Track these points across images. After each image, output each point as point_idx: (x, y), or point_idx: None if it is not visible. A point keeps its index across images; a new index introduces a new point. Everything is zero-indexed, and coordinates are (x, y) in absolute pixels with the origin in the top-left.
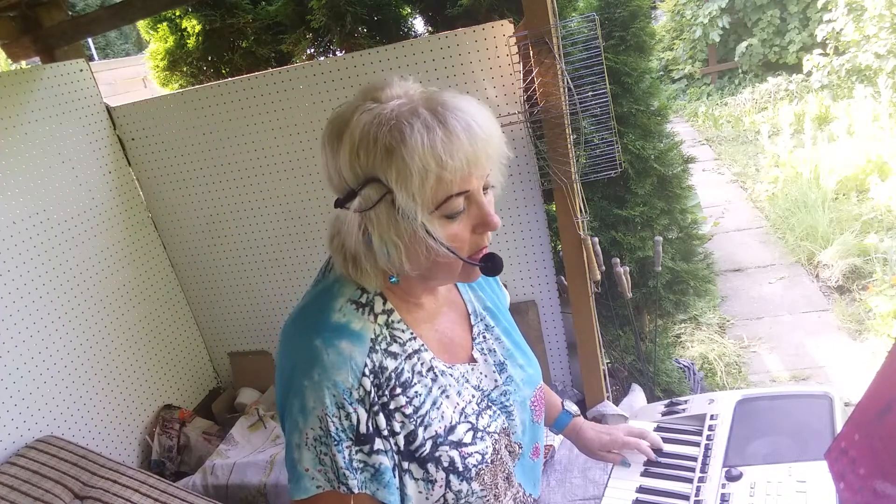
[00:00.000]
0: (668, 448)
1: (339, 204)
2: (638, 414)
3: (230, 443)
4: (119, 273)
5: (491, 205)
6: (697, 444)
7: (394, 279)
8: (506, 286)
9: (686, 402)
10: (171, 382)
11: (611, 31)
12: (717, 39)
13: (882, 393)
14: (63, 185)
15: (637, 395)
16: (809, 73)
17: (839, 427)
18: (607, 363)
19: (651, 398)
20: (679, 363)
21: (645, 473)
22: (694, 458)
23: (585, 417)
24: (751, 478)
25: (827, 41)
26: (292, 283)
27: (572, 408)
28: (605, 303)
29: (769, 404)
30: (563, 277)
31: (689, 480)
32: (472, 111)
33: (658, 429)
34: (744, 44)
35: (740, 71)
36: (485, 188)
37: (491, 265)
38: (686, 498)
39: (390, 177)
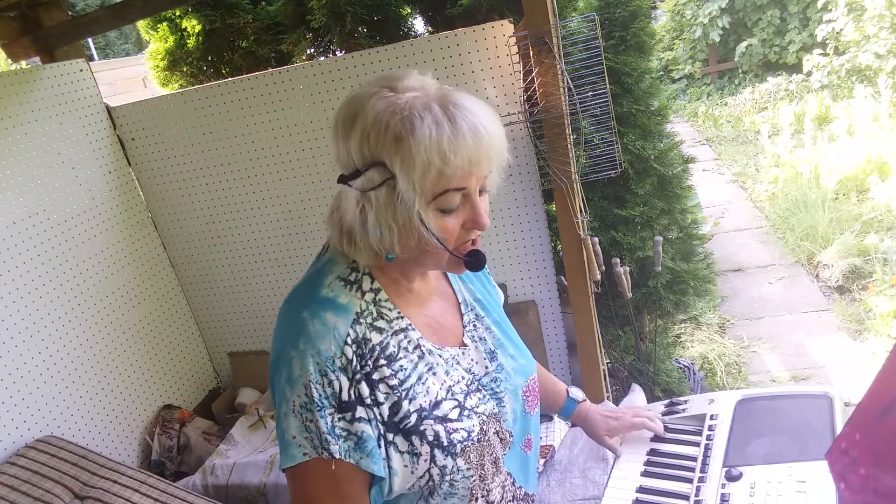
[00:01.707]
0: (668, 448)
1: (343, 180)
2: None
3: (230, 443)
4: (119, 273)
5: (485, 206)
6: (697, 444)
7: (390, 256)
8: (505, 286)
9: (686, 402)
10: (171, 382)
11: (611, 31)
12: (717, 39)
13: (883, 393)
14: (63, 185)
15: (637, 395)
16: (809, 73)
17: (839, 427)
18: (607, 363)
19: (651, 398)
20: (679, 363)
21: (645, 473)
22: (694, 458)
23: None
24: (751, 478)
25: (827, 41)
26: (292, 283)
27: (577, 395)
28: (605, 303)
29: (769, 404)
30: (563, 277)
31: (689, 480)
32: (480, 114)
33: None
34: (744, 44)
35: (740, 71)
36: (481, 190)
37: (474, 261)
38: (686, 498)
39: (395, 163)
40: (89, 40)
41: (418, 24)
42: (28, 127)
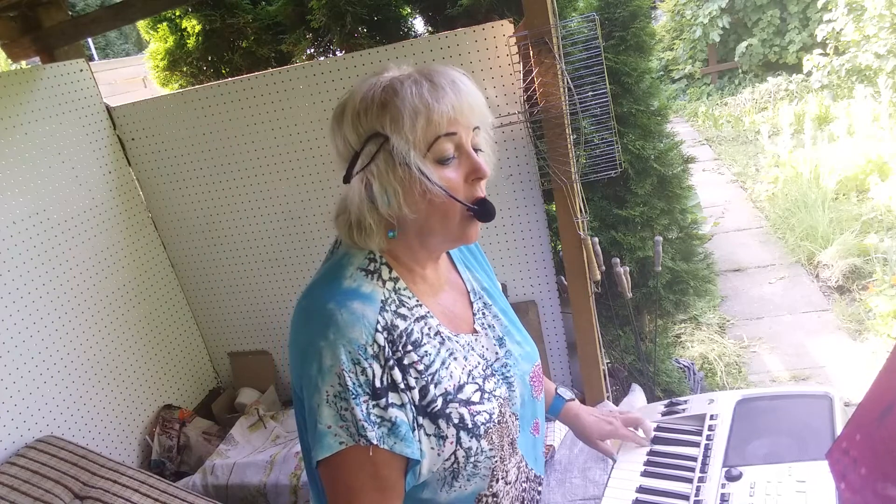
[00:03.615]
0: (668, 448)
1: (347, 175)
2: None
3: (230, 443)
4: (119, 273)
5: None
6: (697, 444)
7: (392, 234)
8: (505, 286)
9: (686, 402)
10: (171, 382)
11: (611, 31)
12: (717, 39)
13: (883, 393)
14: (63, 185)
15: (637, 395)
16: (809, 73)
17: (839, 427)
18: (607, 363)
19: (651, 398)
20: (679, 363)
21: (645, 473)
22: (694, 458)
23: None
24: (751, 478)
25: (827, 41)
26: (292, 283)
27: (566, 393)
28: (605, 303)
29: (769, 404)
30: (563, 277)
31: (689, 480)
32: (456, 74)
33: (658, 429)
34: (744, 44)
35: (740, 71)
36: (474, 149)
37: (483, 210)
38: (686, 498)
39: (386, 124)
40: (89, 40)
41: (418, 24)
42: (28, 127)
